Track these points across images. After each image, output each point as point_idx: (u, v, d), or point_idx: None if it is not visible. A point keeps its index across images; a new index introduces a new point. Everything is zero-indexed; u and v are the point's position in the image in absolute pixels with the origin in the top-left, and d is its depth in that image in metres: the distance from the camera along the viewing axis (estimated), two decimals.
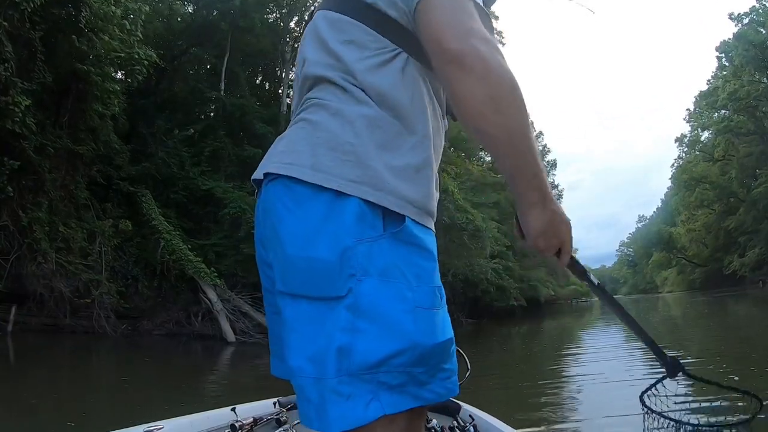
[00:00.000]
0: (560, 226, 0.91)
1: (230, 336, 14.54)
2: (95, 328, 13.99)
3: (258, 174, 0.93)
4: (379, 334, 0.79)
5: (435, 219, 0.94)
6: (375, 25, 0.90)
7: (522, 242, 0.95)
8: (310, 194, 0.83)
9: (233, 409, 2.00)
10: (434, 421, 2.22)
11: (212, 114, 22.09)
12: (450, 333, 0.88)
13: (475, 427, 2.16)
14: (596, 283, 1.12)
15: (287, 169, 0.86)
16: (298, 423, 2.16)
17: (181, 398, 6.23)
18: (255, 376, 8.19)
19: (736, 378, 5.30)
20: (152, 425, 1.73)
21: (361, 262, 0.80)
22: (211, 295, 15.01)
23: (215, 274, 15.13)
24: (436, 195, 0.94)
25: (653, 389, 1.49)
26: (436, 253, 0.91)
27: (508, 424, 2.17)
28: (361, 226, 0.82)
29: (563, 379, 7.25)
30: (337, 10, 0.94)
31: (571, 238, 0.95)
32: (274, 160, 0.89)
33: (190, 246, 15.81)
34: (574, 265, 1.05)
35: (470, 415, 2.29)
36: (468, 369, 3.15)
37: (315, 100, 0.90)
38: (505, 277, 28.66)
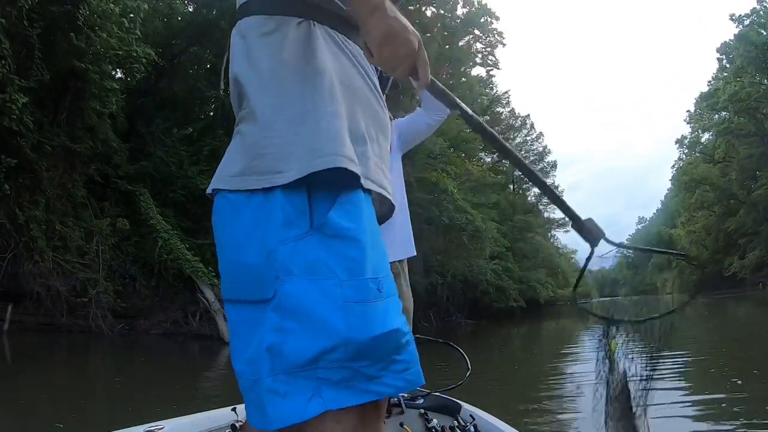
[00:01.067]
0: (406, 34, 0.84)
1: (227, 336, 14.46)
2: (92, 327, 13.92)
3: (209, 191, 0.95)
4: (306, 332, 0.80)
5: (369, 178, 0.91)
6: (269, 8, 0.94)
7: (372, 61, 0.89)
8: (244, 200, 0.86)
9: (234, 409, 2.02)
10: (435, 421, 2.21)
11: (211, 113, 22.03)
12: (394, 323, 0.85)
13: (475, 426, 2.16)
14: (469, 113, 1.02)
15: (224, 182, 0.89)
16: None
17: (179, 399, 6.17)
18: None
19: (739, 381, 5.22)
20: (153, 425, 1.76)
21: (284, 263, 0.81)
22: (209, 294, 14.95)
23: (213, 273, 15.04)
24: (364, 148, 0.92)
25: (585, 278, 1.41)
26: (366, 236, 0.87)
27: (508, 424, 2.17)
28: (286, 226, 0.83)
29: (563, 379, 7.21)
30: (239, 18, 0.98)
31: (423, 52, 0.87)
32: (216, 175, 0.92)
33: (188, 245, 15.75)
34: (436, 87, 0.96)
35: (471, 415, 2.28)
36: (468, 369, 3.10)
37: (244, 112, 0.92)
38: (505, 278, 28.65)
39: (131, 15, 15.27)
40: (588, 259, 1.34)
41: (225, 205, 0.89)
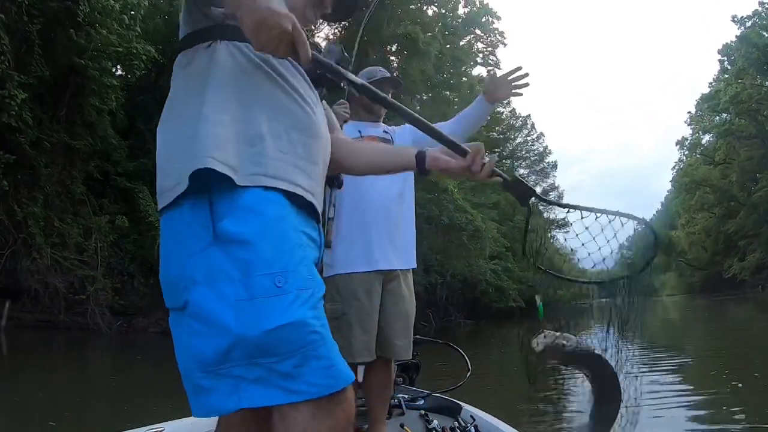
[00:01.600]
0: (276, 18, 0.87)
1: None
2: (90, 324, 13.90)
3: None
4: (208, 333, 0.88)
5: (270, 174, 0.96)
6: (188, 43, 1.07)
7: (255, 48, 0.92)
8: (166, 219, 0.99)
9: None
10: (435, 422, 2.22)
11: None
12: (294, 317, 0.87)
13: (476, 427, 2.16)
14: (352, 78, 1.04)
15: (158, 205, 1.01)
16: None
17: (177, 397, 6.10)
18: None
19: (740, 385, 5.17)
20: (153, 427, 1.79)
21: (189, 274, 0.91)
22: None
23: None
24: (260, 148, 0.97)
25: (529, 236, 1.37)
26: (261, 235, 0.91)
27: (508, 424, 2.17)
28: (193, 240, 0.92)
29: (562, 378, 7.18)
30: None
31: (298, 29, 0.90)
32: None
33: None
34: (317, 61, 0.98)
35: (471, 416, 2.29)
36: (469, 369, 3.08)
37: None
38: (504, 278, 28.60)
39: (132, 12, 15.24)
40: (527, 220, 1.35)
41: (160, 224, 1.02)
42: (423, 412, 2.37)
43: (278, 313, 0.87)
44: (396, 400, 2.46)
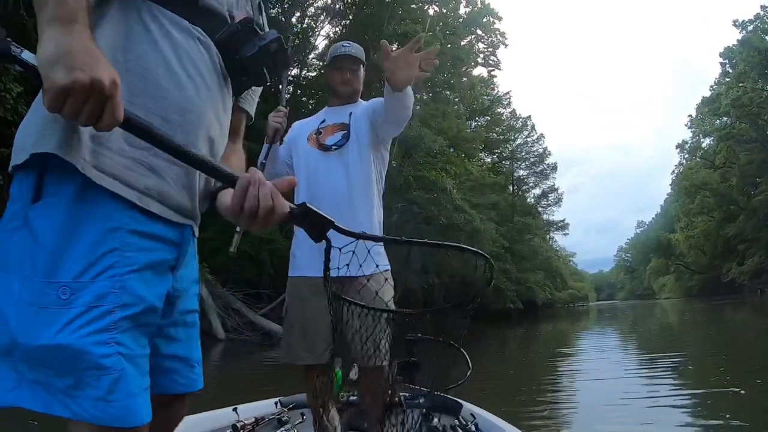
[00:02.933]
0: (83, 56, 0.70)
1: (220, 333, 14.27)
2: None
3: None
4: None
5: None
6: None
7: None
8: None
9: (235, 410, 2.09)
10: (436, 420, 2.22)
11: None
12: (65, 340, 0.75)
13: (476, 425, 2.18)
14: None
15: None
16: (300, 423, 2.30)
17: None
18: (246, 374, 8.01)
19: (743, 392, 5.07)
20: None
21: None
22: (202, 290, 14.82)
23: (206, 269, 14.95)
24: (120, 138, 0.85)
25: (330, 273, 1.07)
26: (58, 233, 0.79)
27: (508, 422, 2.20)
28: (9, 217, 0.82)
29: (560, 378, 7.20)
30: None
31: (112, 82, 0.70)
32: None
33: None
34: (131, 124, 0.76)
35: (472, 414, 2.30)
36: (469, 367, 2.98)
37: None
38: (503, 279, 28.59)
39: None
40: (327, 253, 1.05)
41: None
42: (424, 410, 2.31)
43: (52, 331, 0.76)
44: (396, 398, 2.41)
